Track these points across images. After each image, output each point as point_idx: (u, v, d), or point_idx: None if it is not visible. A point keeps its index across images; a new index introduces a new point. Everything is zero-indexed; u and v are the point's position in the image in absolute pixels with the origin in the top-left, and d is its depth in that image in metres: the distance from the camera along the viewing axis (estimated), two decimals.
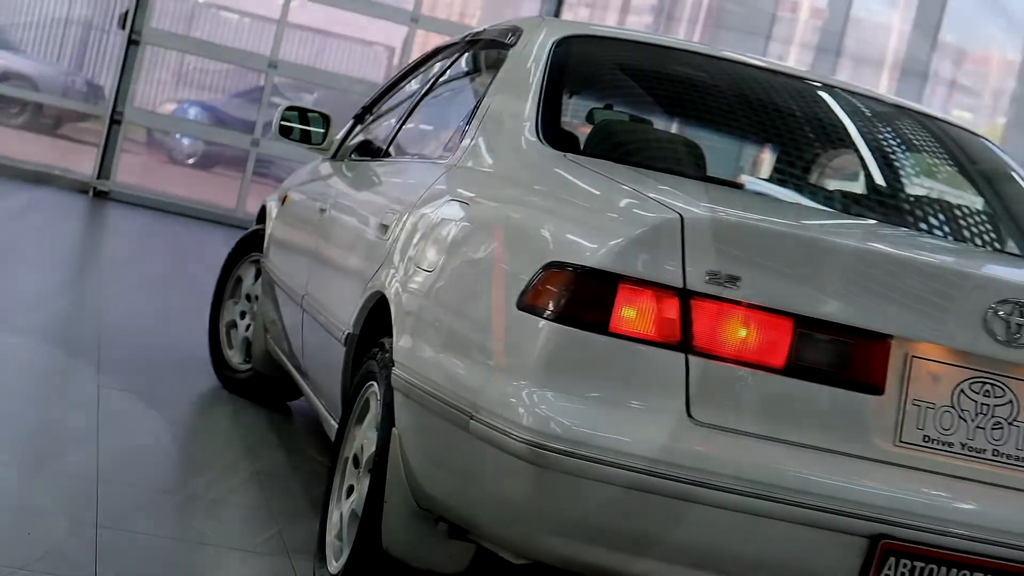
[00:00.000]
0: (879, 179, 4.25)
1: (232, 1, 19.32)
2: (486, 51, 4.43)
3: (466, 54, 4.68)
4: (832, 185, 4.31)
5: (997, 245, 4.05)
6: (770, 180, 4.23)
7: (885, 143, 4.45)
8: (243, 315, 6.09)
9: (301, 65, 16.16)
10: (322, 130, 5.44)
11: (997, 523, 2.96)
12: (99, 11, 20.48)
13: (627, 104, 4.27)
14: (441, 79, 4.79)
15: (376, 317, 3.79)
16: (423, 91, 4.88)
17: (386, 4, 13.88)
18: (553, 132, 3.73)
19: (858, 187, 4.32)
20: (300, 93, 17.27)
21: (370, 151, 5.02)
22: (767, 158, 4.46)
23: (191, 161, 18.87)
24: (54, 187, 12.62)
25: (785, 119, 4.32)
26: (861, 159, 4.34)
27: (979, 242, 4.01)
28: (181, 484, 4.70)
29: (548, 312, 2.92)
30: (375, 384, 3.59)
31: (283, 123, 5.44)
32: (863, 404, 2.97)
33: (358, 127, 5.41)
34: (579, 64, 4.09)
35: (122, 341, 6.52)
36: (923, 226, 3.99)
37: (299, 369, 4.97)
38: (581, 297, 2.90)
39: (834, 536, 2.86)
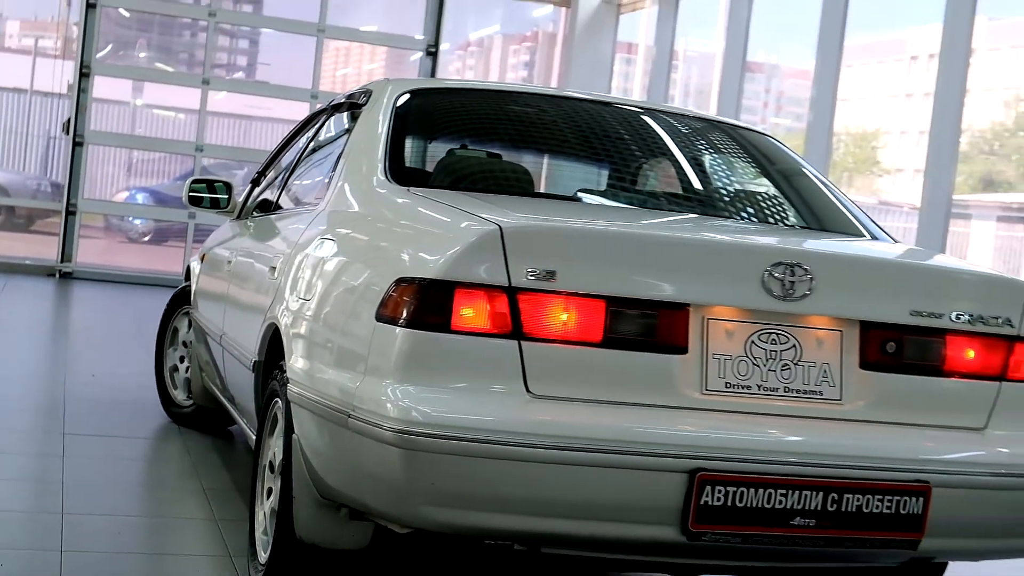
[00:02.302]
0: (691, 179, 4.29)
1: (164, 100, 19.17)
2: (346, 112, 4.44)
3: (332, 117, 4.69)
4: (653, 188, 4.34)
5: (784, 221, 4.11)
6: (603, 190, 4.26)
7: (694, 149, 4.49)
8: (182, 359, 6.06)
9: (224, 146, 16.15)
10: (225, 196, 5.43)
11: (793, 447, 3.01)
12: (54, 123, 20.34)
13: (466, 140, 4.29)
14: (314, 140, 4.80)
15: (275, 344, 3.79)
16: (301, 152, 4.90)
17: (288, 86, 13.88)
18: (400, 171, 3.76)
19: (675, 188, 4.36)
20: (232, 171, 17.19)
21: (264, 207, 5.02)
22: (602, 172, 4.47)
23: (146, 239, 18.75)
24: (24, 274, 12.53)
25: (613, 139, 4.35)
26: (676, 164, 4.39)
27: (770, 220, 4.07)
28: (138, 506, 4.66)
29: (401, 320, 2.94)
30: (278, 400, 3.60)
31: (191, 194, 5.42)
32: (672, 363, 3.01)
33: (255, 189, 5.41)
34: (418, 113, 4.12)
35: (84, 393, 6.47)
36: (729, 213, 4.04)
37: (228, 398, 4.95)
38: (425, 304, 2.92)
39: (659, 475, 2.89)
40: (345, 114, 4.46)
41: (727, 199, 4.25)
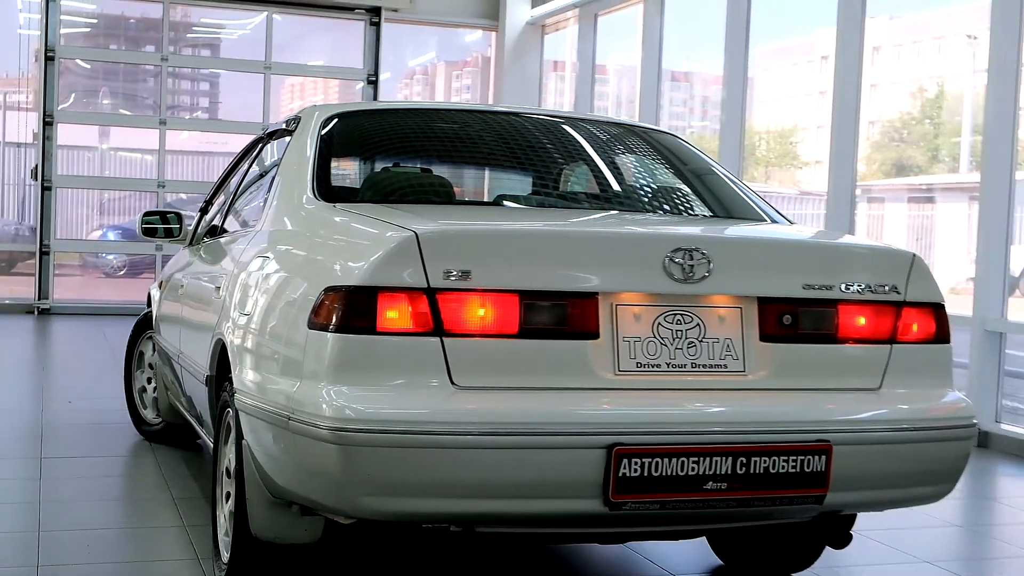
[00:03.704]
0: (606, 178, 4.31)
1: (128, 143, 19.06)
2: (280, 139, 4.44)
3: (267, 144, 4.68)
4: (570, 190, 4.35)
5: (691, 212, 4.13)
6: (523, 195, 4.26)
7: (607, 152, 4.50)
8: (150, 380, 6.03)
9: (186, 181, 16.09)
10: (177, 225, 5.41)
11: (702, 417, 3.03)
12: (27, 171, 20.19)
13: (390, 156, 4.29)
14: (251, 167, 4.80)
15: (223, 358, 3.78)
16: (242, 178, 4.89)
17: (241, 121, 13.87)
18: (327, 189, 3.76)
19: (591, 187, 4.37)
20: (197, 204, 17.07)
21: (212, 233, 5.01)
22: (521, 178, 4.47)
23: (121, 273, 18.65)
24: (3, 313, 12.44)
25: (532, 147, 4.35)
26: (591, 166, 4.40)
27: (678, 212, 4.08)
28: (112, 519, 4.61)
29: (331, 326, 2.95)
30: (230, 410, 3.59)
31: (145, 226, 5.40)
32: (585, 348, 3.02)
33: (204, 216, 5.39)
34: (343, 134, 4.11)
35: (61, 418, 6.43)
36: (641, 208, 4.05)
37: (192, 414, 4.93)
38: (352, 309, 2.92)
39: (580, 452, 2.90)
40: (279, 140, 4.46)
41: (639, 195, 4.27)
